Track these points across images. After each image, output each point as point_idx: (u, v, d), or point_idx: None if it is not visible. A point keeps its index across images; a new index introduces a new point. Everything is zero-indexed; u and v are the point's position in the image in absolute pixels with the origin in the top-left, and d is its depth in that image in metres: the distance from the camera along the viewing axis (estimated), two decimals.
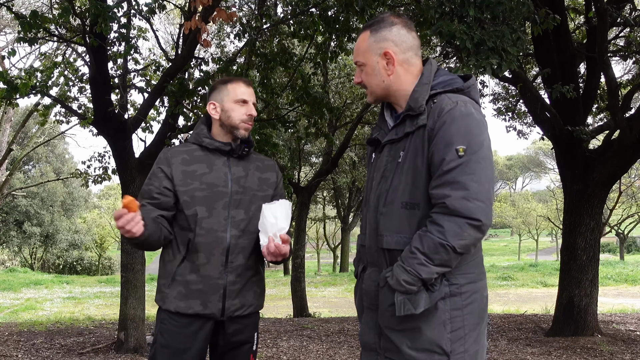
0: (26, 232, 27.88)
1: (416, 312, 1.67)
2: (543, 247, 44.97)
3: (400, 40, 1.82)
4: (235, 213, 2.18)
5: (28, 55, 29.40)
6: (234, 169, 2.24)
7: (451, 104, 1.71)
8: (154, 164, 2.26)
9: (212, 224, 2.15)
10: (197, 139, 2.26)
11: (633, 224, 30.10)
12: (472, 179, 1.65)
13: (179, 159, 2.21)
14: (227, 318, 2.18)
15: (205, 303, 2.14)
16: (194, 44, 5.46)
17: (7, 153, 17.68)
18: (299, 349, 5.92)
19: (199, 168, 2.20)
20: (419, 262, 1.66)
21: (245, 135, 2.26)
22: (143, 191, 2.24)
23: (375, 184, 1.86)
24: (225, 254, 2.16)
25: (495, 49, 4.04)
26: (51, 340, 6.44)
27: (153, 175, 2.23)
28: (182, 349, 2.14)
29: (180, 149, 2.26)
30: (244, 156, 2.28)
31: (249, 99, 2.26)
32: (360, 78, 1.89)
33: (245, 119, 2.24)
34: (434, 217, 1.67)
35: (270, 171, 2.35)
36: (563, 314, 6.75)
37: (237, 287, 2.18)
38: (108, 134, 5.86)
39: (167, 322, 2.17)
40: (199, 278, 2.14)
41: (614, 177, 6.91)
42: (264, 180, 2.30)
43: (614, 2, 6.41)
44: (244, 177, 2.24)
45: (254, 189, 2.25)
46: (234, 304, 2.18)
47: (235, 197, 2.20)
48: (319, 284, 20.98)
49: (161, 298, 2.19)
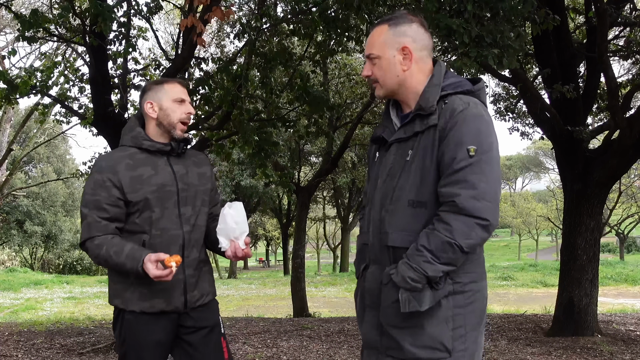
0: (27, 232, 27.89)
1: (421, 309, 1.68)
2: (543, 247, 44.98)
3: (418, 37, 1.84)
4: (184, 210, 2.26)
5: (28, 55, 29.43)
6: (176, 168, 2.28)
7: (463, 105, 1.73)
8: (94, 173, 2.20)
9: (165, 223, 2.21)
10: (135, 141, 2.25)
11: (633, 224, 30.12)
12: (482, 179, 1.66)
13: (123, 165, 2.19)
14: (190, 309, 2.28)
15: (169, 300, 2.22)
16: (193, 44, 5.46)
17: (7, 153, 17.68)
18: (299, 349, 5.92)
19: (145, 171, 2.21)
20: (425, 260, 1.66)
21: (182, 135, 2.29)
22: (88, 201, 2.17)
23: (380, 182, 1.86)
24: (181, 250, 2.23)
25: (494, 44, 4.03)
26: (51, 340, 6.44)
27: (98, 186, 2.17)
28: (151, 343, 2.22)
29: (121, 154, 2.24)
30: (180, 154, 2.32)
31: (186, 98, 2.31)
32: (371, 71, 1.88)
33: (184, 118, 2.27)
34: (442, 216, 1.68)
35: (205, 165, 2.41)
36: (563, 314, 6.75)
37: (194, 280, 2.28)
38: (108, 134, 5.86)
39: (133, 321, 2.22)
40: None
41: (614, 177, 6.91)
42: (202, 175, 2.37)
43: (614, 2, 6.41)
44: (185, 174, 2.30)
45: (195, 184, 2.32)
46: (194, 295, 2.27)
47: (182, 195, 2.26)
48: (319, 284, 20.98)
49: (122, 302, 2.22)
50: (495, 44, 4.04)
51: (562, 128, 6.62)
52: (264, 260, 48.96)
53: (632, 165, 8.07)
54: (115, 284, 2.26)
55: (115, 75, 6.35)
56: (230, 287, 21.19)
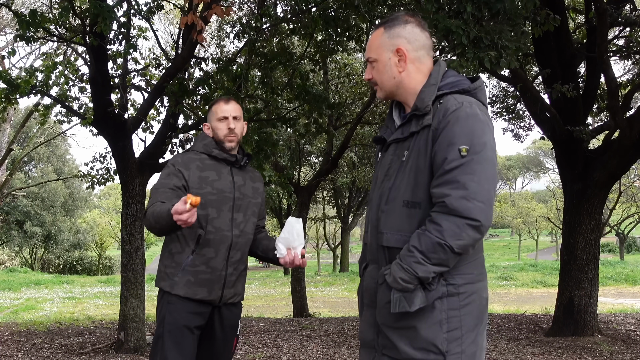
0: (27, 232, 27.88)
1: (410, 309, 1.67)
2: (543, 247, 44.97)
3: (413, 38, 1.83)
4: (237, 216, 2.55)
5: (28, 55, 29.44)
6: (236, 178, 2.59)
7: (456, 105, 1.73)
8: (170, 164, 2.54)
9: (219, 224, 2.49)
10: (206, 149, 2.57)
11: (633, 224, 30.12)
12: (472, 179, 1.65)
13: (195, 165, 2.53)
14: (222, 304, 2.55)
15: (210, 290, 2.49)
16: (194, 44, 5.46)
17: (7, 153, 17.68)
18: (299, 349, 5.92)
19: (210, 175, 2.53)
20: (416, 261, 1.66)
21: (232, 147, 2.58)
22: (160, 184, 2.48)
23: (379, 182, 1.88)
24: (228, 249, 2.51)
25: (493, 45, 4.03)
26: (51, 340, 6.44)
27: (171, 174, 2.50)
28: (188, 327, 2.47)
29: (194, 157, 2.56)
30: (242, 167, 2.64)
31: (229, 114, 2.57)
32: (371, 75, 1.90)
33: (226, 133, 2.56)
34: (433, 216, 1.68)
35: (259, 182, 2.74)
36: (563, 314, 6.75)
37: (233, 278, 2.56)
38: (108, 134, 5.86)
39: (176, 303, 2.47)
40: (208, 269, 2.48)
41: (614, 177, 6.91)
42: (255, 189, 2.68)
43: (614, 2, 6.41)
44: (243, 186, 2.61)
45: (249, 196, 2.63)
46: (229, 292, 2.55)
47: (237, 202, 2.56)
48: (319, 284, 20.98)
49: (170, 285, 2.49)
50: (494, 45, 4.03)
51: (562, 128, 6.62)
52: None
53: (632, 165, 8.07)
54: (167, 268, 2.52)
55: (115, 75, 6.34)
56: None
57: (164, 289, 2.51)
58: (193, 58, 6.30)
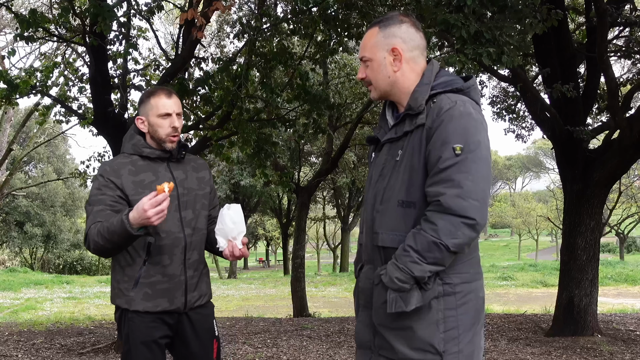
0: (27, 233, 27.87)
1: (407, 309, 1.67)
2: (543, 247, 44.97)
3: (408, 37, 1.83)
4: (185, 214, 2.33)
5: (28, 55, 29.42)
6: (175, 173, 2.36)
7: (450, 104, 1.72)
8: (99, 175, 2.29)
9: (169, 227, 2.27)
10: (136, 149, 2.32)
11: (633, 224, 30.12)
12: (467, 177, 1.65)
13: (126, 170, 2.29)
14: (189, 310, 2.36)
15: (172, 299, 2.30)
16: (194, 44, 5.46)
17: (7, 153, 17.68)
18: (299, 349, 5.92)
19: (146, 177, 2.30)
20: (411, 260, 1.66)
21: (173, 147, 2.34)
22: (94, 200, 2.24)
23: (373, 182, 1.87)
24: (183, 252, 2.31)
25: (494, 41, 4.00)
26: (51, 340, 6.44)
27: (102, 186, 2.26)
28: (154, 340, 2.30)
29: (123, 161, 2.32)
30: (180, 159, 2.39)
31: (172, 110, 2.29)
32: (365, 74, 1.90)
33: (169, 132, 2.30)
34: (428, 215, 1.68)
35: (203, 169, 2.48)
36: (563, 314, 6.74)
37: (194, 281, 2.36)
38: (108, 133, 5.86)
39: (136, 320, 2.28)
40: (165, 278, 2.28)
41: (614, 177, 6.90)
42: (200, 179, 2.44)
43: (614, 2, 6.41)
44: (185, 180, 2.37)
45: (194, 189, 2.39)
46: (193, 296, 2.36)
47: (182, 199, 2.34)
48: (319, 284, 20.98)
49: (127, 301, 2.28)
50: (495, 41, 4.00)
51: (562, 128, 6.62)
52: (264, 260, 48.94)
53: (632, 165, 8.07)
54: (119, 284, 2.31)
55: (115, 75, 6.35)
56: (230, 287, 21.19)
57: (121, 306, 2.30)
58: (193, 58, 6.30)
